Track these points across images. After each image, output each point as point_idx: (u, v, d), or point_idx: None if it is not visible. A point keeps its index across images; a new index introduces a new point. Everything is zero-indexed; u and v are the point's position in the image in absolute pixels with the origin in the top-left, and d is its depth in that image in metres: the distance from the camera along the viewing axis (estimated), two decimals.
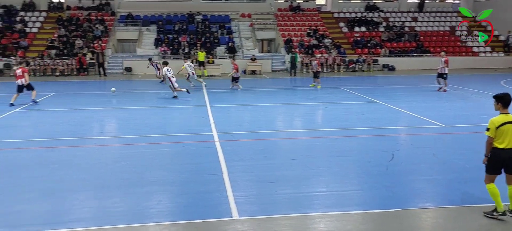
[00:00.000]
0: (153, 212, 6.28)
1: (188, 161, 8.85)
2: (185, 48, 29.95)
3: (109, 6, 33.53)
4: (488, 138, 5.84)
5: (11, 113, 14.04)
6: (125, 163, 8.70)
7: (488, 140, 5.85)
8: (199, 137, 10.82)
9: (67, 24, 30.85)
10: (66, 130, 11.71)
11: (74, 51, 28.11)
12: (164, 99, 17.43)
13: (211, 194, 6.95)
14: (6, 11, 31.59)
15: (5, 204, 6.53)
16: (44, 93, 18.02)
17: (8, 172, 8.03)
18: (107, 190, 7.14)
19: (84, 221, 5.94)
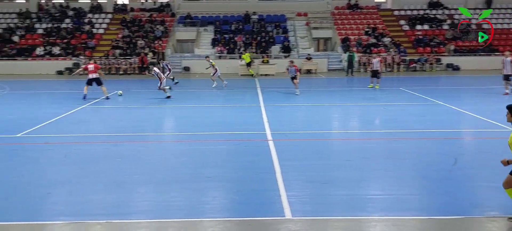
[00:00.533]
0: (208, 208, 6.48)
1: (242, 159, 9.00)
2: (241, 47, 30.38)
3: (169, 8, 34.81)
4: None
5: (81, 108, 15.03)
6: (183, 159, 9.03)
7: None
8: (252, 136, 10.96)
9: (130, 25, 32.42)
10: (130, 126, 12.34)
11: (137, 51, 29.48)
12: (220, 98, 17.82)
13: (264, 192, 7.03)
14: (76, 13, 33.82)
15: (77, 193, 7.03)
16: (108, 91, 19.08)
17: (80, 164, 8.62)
18: (166, 184, 7.45)
19: (144, 213, 6.25)
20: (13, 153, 9.54)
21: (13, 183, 7.52)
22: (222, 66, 28.33)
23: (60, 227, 5.84)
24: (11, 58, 28.93)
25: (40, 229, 5.81)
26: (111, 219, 5.99)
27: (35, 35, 31.26)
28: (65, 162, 8.79)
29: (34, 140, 10.55)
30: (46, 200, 6.83)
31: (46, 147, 9.98)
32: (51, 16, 33.37)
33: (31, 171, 8.26)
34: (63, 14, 33.64)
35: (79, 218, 6.03)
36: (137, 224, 5.89)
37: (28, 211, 6.35)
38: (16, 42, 30.55)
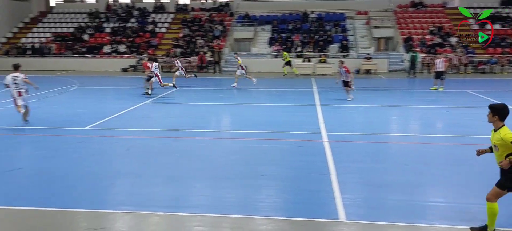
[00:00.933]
0: (262, 206, 6.52)
1: (297, 158, 8.97)
2: (298, 47, 30.25)
3: (228, 7, 35.45)
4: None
5: (143, 104, 15.74)
6: (238, 156, 9.17)
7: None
8: (308, 136, 10.87)
9: (190, 25, 33.42)
10: (188, 122, 12.72)
11: (196, 49, 30.32)
12: (276, 97, 17.86)
13: (319, 193, 6.96)
14: (141, 13, 35.45)
15: (139, 185, 7.38)
16: (168, 88, 19.80)
17: (141, 157, 9.04)
18: (222, 180, 7.60)
19: (200, 208, 6.43)
20: (81, 144, 10.20)
21: (80, 173, 8.04)
22: (278, 66, 28.47)
23: (122, 216, 6.15)
24: (81, 56, 30.91)
25: (104, 217, 6.16)
26: (168, 212, 6.21)
27: (103, 34, 33.17)
28: (128, 155, 9.25)
29: (100, 133, 11.20)
30: (110, 190, 7.24)
31: (110, 140, 10.56)
32: (118, 16, 35.25)
33: (97, 162, 8.78)
34: (129, 14, 35.41)
35: (139, 209, 6.32)
36: (192, 218, 6.07)
37: (93, 199, 6.76)
38: (86, 40, 32.60)
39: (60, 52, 31.41)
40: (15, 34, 34.46)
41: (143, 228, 5.84)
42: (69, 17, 36.06)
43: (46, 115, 13.77)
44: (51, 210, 6.29)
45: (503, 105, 5.35)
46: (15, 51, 31.40)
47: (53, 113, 14.12)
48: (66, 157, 9.09)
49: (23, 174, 7.96)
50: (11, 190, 7.16)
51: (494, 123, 5.33)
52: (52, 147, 9.94)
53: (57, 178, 7.78)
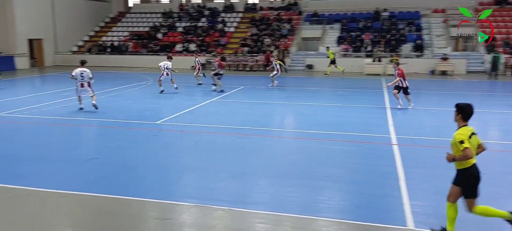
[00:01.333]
0: (324, 207, 6.43)
1: (363, 161, 8.71)
2: (368, 46, 29.38)
3: (296, 6, 35.33)
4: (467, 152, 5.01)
5: (211, 101, 16.21)
6: (302, 155, 9.11)
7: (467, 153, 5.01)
8: (375, 138, 10.52)
9: (258, 24, 33.79)
10: (253, 120, 12.88)
11: (263, 48, 30.59)
12: (343, 97, 17.50)
13: (385, 198, 6.71)
14: (211, 13, 36.50)
15: (205, 179, 7.63)
16: (235, 86, 20.20)
17: (208, 152, 9.33)
18: (284, 179, 7.61)
19: (262, 205, 6.48)
20: (153, 137, 10.73)
21: (151, 164, 8.47)
22: (346, 65, 27.87)
23: (188, 208, 6.39)
24: (155, 54, 32.51)
25: (171, 208, 6.43)
26: (232, 207, 6.34)
27: (176, 33, 34.62)
28: (196, 149, 9.57)
29: (171, 127, 11.71)
30: (178, 182, 7.55)
31: (180, 135, 11.00)
32: (189, 15, 36.60)
33: (167, 154, 9.20)
34: (200, 14, 36.61)
35: (204, 202, 6.51)
36: (255, 215, 6.14)
37: (162, 190, 7.09)
38: (159, 39, 34.23)
39: (136, 50, 33.29)
40: (96, 32, 37.11)
41: (207, 221, 6.01)
42: (145, 16, 38.10)
43: (122, 109, 14.68)
44: (124, 198, 6.69)
45: (466, 105, 5.25)
46: (96, 49, 33.81)
47: (128, 107, 15.01)
48: (139, 149, 9.62)
49: (101, 163, 8.55)
50: (90, 178, 7.73)
51: (458, 122, 5.29)
52: (127, 139, 10.59)
53: (130, 168, 8.27)
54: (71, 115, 13.40)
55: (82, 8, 36.32)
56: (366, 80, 23.73)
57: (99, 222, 5.96)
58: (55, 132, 11.51)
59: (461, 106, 5.29)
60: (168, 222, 5.98)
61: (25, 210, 6.32)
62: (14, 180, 7.44)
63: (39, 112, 13.74)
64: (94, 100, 13.83)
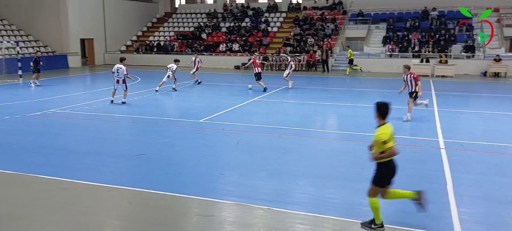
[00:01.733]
0: (366, 210, 6.28)
1: (409, 165, 8.45)
2: (415, 46, 28.46)
3: (341, 5, 34.82)
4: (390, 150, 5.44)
5: (252, 101, 16.32)
6: (343, 157, 8.99)
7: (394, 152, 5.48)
8: (422, 142, 10.19)
9: (302, 24, 33.60)
10: (293, 120, 12.85)
11: (306, 48, 30.39)
12: (387, 98, 17.02)
13: (432, 204, 6.47)
14: (254, 13, 36.70)
15: (244, 177, 7.72)
16: (277, 86, 20.20)
17: (248, 151, 9.42)
18: (325, 180, 7.54)
19: (301, 205, 6.46)
20: (197, 135, 10.97)
21: (195, 161, 8.66)
22: (392, 65, 27.17)
23: (229, 206, 6.48)
24: (199, 53, 33.10)
25: (213, 205, 6.55)
26: (272, 206, 6.37)
27: (220, 33, 35.11)
28: (237, 148, 9.69)
29: (213, 126, 11.91)
30: (219, 180, 7.68)
31: (222, 133, 11.17)
32: (233, 15, 36.99)
33: (209, 152, 9.37)
34: (244, 14, 36.91)
35: (244, 200, 6.59)
36: (295, 215, 6.13)
37: (204, 187, 7.24)
38: (204, 39, 34.85)
39: (181, 50, 34.09)
40: (144, 33, 38.33)
41: (247, 220, 6.07)
42: (190, 17, 38.92)
43: (168, 107, 15.11)
44: (169, 194, 6.89)
45: (383, 103, 5.59)
46: (144, 48, 34.94)
47: (174, 106, 15.43)
48: (183, 146, 9.86)
49: (147, 159, 8.84)
50: (137, 173, 8.03)
51: (378, 120, 5.62)
52: (172, 136, 10.89)
53: (175, 164, 8.51)
54: (119, 112, 13.95)
55: (130, 9, 37.67)
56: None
57: (145, 216, 6.18)
58: (105, 128, 12.03)
59: (379, 105, 5.62)
60: (209, 218, 6.10)
61: (76, 202, 6.66)
62: (67, 173, 7.86)
63: (90, 109, 14.41)
64: (124, 98, 15.33)
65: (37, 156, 9.04)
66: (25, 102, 15.70)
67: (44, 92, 18.35)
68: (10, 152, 9.28)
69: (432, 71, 25.48)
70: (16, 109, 14.17)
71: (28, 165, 8.31)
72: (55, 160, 8.78)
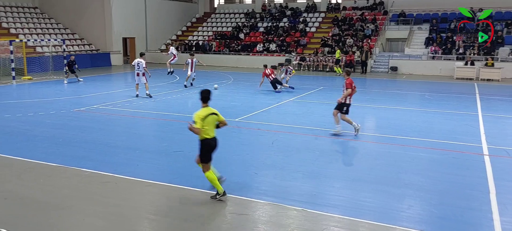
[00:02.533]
0: (403, 216, 6.14)
1: (449, 171, 8.17)
2: (460, 48, 27.41)
3: (382, 5, 34.05)
4: (198, 130, 6.40)
5: (288, 101, 16.28)
6: (381, 160, 8.79)
7: (196, 131, 6.41)
8: (464, 147, 9.80)
9: (341, 24, 33.13)
10: (330, 122, 12.66)
11: (344, 49, 29.95)
12: (429, 102, 16.54)
13: (472, 212, 6.24)
14: (293, 13, 36.55)
15: (279, 178, 7.71)
16: (314, 87, 20.02)
17: (284, 152, 9.40)
18: (361, 183, 7.40)
19: (336, 208, 6.38)
20: (233, 134, 11.06)
21: (230, 159, 8.74)
22: (435, 69, 26.30)
23: (263, 205, 6.50)
24: (236, 53, 33.40)
25: (247, 204, 6.58)
26: (306, 208, 6.32)
27: (257, 33, 35.23)
28: (272, 148, 9.69)
29: (249, 125, 11.97)
30: (253, 179, 7.70)
31: (257, 132, 11.21)
32: (271, 15, 37.01)
33: (245, 151, 9.43)
34: (282, 14, 36.85)
35: (278, 201, 6.58)
36: (329, 217, 6.06)
37: (239, 185, 7.28)
38: (241, 39, 35.08)
39: (219, 49, 34.48)
40: (183, 32, 39.08)
41: (281, 220, 6.06)
42: (229, 17, 39.29)
43: None
44: (204, 191, 6.99)
45: (204, 90, 6.75)
46: (183, 47, 35.60)
47: (210, 104, 15.60)
48: (219, 144, 9.94)
49: (184, 156, 9.01)
50: (174, 169, 8.20)
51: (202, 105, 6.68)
52: None
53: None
54: (159, 109, 14.30)
55: (171, 9, 38.49)
56: (457, 85, 22.17)
57: (180, 212, 6.30)
58: (144, 124, 12.36)
59: (201, 91, 6.75)
60: (243, 217, 6.13)
61: (115, 195, 6.89)
62: (107, 167, 8.14)
63: (131, 105, 14.85)
64: (147, 90, 16.30)
65: (79, 149, 9.42)
66: (71, 98, 16.40)
67: (89, 89, 19.09)
68: (56, 145, 9.72)
69: (477, 74, 24.46)
70: (62, 105, 14.83)
71: (72, 158, 8.67)
72: (96, 154, 9.11)
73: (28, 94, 17.88)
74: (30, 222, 5.87)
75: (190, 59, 19.54)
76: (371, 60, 28.81)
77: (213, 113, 6.69)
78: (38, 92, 18.17)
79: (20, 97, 16.99)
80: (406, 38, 30.49)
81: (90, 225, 5.86)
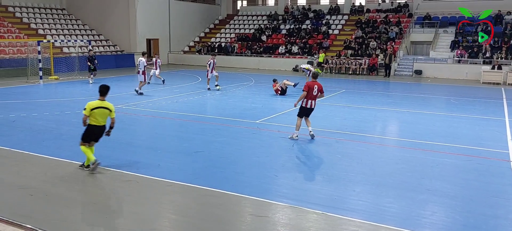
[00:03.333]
0: (425, 222, 6.02)
1: (474, 177, 7.97)
2: (487, 52, 26.71)
3: (407, 8, 33.53)
4: (84, 116, 7.65)
5: None
6: (403, 165, 8.64)
7: (83, 117, 7.65)
8: (490, 153, 9.54)
9: (364, 26, 32.77)
10: (352, 125, 12.56)
11: (368, 52, 29.61)
12: (453, 106, 16.18)
13: (497, 220, 6.06)
14: (315, 15, 36.36)
15: (299, 181, 7.69)
16: (336, 90, 19.86)
17: (304, 154, 9.38)
18: (383, 188, 7.30)
19: (357, 212, 6.30)
20: (252, 136, 11.08)
21: (250, 161, 8.76)
22: (461, 73, 25.71)
23: (282, 208, 6.48)
24: (258, 55, 33.44)
25: (266, 206, 6.58)
26: (326, 211, 6.27)
27: (279, 35, 35.19)
28: (292, 150, 9.65)
29: (269, 127, 11.96)
30: (273, 181, 7.69)
31: (277, 135, 11.18)
32: (294, 18, 36.92)
33: (265, 153, 9.42)
34: (305, 16, 36.71)
35: (298, 204, 6.54)
36: (350, 222, 5.99)
37: (258, 187, 7.29)
38: (263, 41, 35.11)
39: (241, 51, 34.61)
40: (206, 34, 39.39)
41: (301, 223, 6.03)
42: (251, 19, 39.40)
43: (226, 107, 15.40)
44: (224, 192, 7.01)
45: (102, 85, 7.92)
46: (205, 49, 35.88)
47: (232, 105, 15.70)
48: (239, 146, 10.01)
49: (205, 157, 9.07)
50: (194, 170, 8.26)
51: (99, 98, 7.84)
52: (229, 135, 11.09)
53: (231, 163, 8.65)
54: (180, 110, 14.45)
55: (194, 11, 38.88)
56: (483, 89, 21.60)
57: (199, 212, 6.35)
58: (166, 125, 12.51)
59: (100, 86, 7.88)
60: (262, 219, 6.13)
61: (136, 194, 6.99)
62: (129, 166, 8.27)
63: (153, 106, 15.06)
64: (139, 88, 17.62)
65: (103, 149, 9.58)
66: (96, 98, 16.69)
67: (112, 89, 19.31)
68: None
69: (505, 78, 23.78)
70: None
71: (96, 157, 8.82)
72: (119, 153, 9.28)
73: (54, 93, 18.35)
74: (54, 218, 6.01)
75: (211, 60, 19.68)
76: (395, 64, 28.38)
77: (106, 108, 7.83)
78: (64, 91, 18.63)
79: (47, 96, 17.46)
80: (431, 41, 29.92)
81: (111, 222, 5.96)
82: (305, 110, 10.47)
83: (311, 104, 10.41)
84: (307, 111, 10.49)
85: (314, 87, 10.29)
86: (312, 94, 10.29)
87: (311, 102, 10.38)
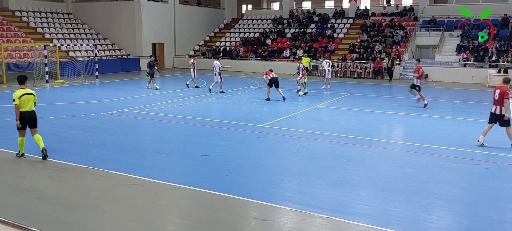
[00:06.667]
0: (431, 226, 5.98)
1: (481, 182, 7.91)
2: (493, 55, 26.58)
3: (412, 12, 33.45)
4: (15, 106, 8.62)
5: (315, 107, 16.17)
6: (409, 169, 8.60)
7: (16, 107, 8.63)
8: (497, 157, 9.47)
9: (369, 30, 32.73)
10: (357, 129, 12.52)
11: (373, 55, 29.55)
12: (460, 110, 16.08)
13: (504, 224, 6.01)
14: (320, 19, 36.36)
15: (304, 184, 7.66)
16: (341, 93, 19.82)
17: (309, 158, 9.33)
18: (388, 192, 7.26)
19: (362, 217, 6.27)
20: (258, 139, 11.08)
21: (255, 165, 8.75)
22: (467, 76, 25.59)
23: (287, 212, 6.46)
24: (263, 59, 33.48)
25: (271, 210, 6.56)
26: (331, 215, 6.24)
27: (284, 39, 35.22)
28: (297, 154, 9.63)
29: (274, 131, 11.95)
30: (278, 185, 7.68)
31: (283, 138, 11.17)
32: (299, 21, 36.95)
33: (270, 157, 9.41)
34: (309, 20, 36.73)
35: (303, 208, 6.52)
36: (355, 226, 5.96)
37: (264, 191, 7.28)
38: (268, 45, 35.15)
39: (246, 55, 34.66)
40: (211, 38, 39.50)
41: (306, 227, 6.00)
42: (256, 23, 39.47)
43: (231, 110, 15.42)
44: (229, 196, 7.02)
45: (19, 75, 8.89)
46: (210, 53, 35.97)
47: (236, 109, 15.71)
48: (245, 149, 10.01)
49: (210, 160, 9.08)
50: (200, 173, 8.26)
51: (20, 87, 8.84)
52: (234, 139, 11.09)
53: (236, 166, 8.64)
54: (185, 114, 14.48)
55: (199, 15, 39.03)
56: (490, 93, 21.40)
57: (204, 216, 6.35)
58: (171, 128, 12.53)
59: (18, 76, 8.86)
60: (267, 223, 6.12)
61: (141, 197, 7.01)
62: (134, 169, 8.29)
63: (158, 110, 15.11)
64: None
65: (109, 152, 9.65)
66: (101, 101, 16.83)
67: (119, 93, 19.55)
68: (86, 147, 9.98)
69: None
70: (93, 108, 15.24)
71: (101, 160, 8.88)
72: (124, 156, 9.30)
73: (60, 97, 18.47)
74: (60, 222, 6.03)
75: (218, 62, 19.74)
76: (400, 67, 28.29)
77: (30, 94, 8.77)
78: (70, 95, 18.75)
79: (53, 100, 17.57)
80: (436, 45, 29.82)
81: (117, 226, 5.98)
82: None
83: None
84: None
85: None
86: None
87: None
